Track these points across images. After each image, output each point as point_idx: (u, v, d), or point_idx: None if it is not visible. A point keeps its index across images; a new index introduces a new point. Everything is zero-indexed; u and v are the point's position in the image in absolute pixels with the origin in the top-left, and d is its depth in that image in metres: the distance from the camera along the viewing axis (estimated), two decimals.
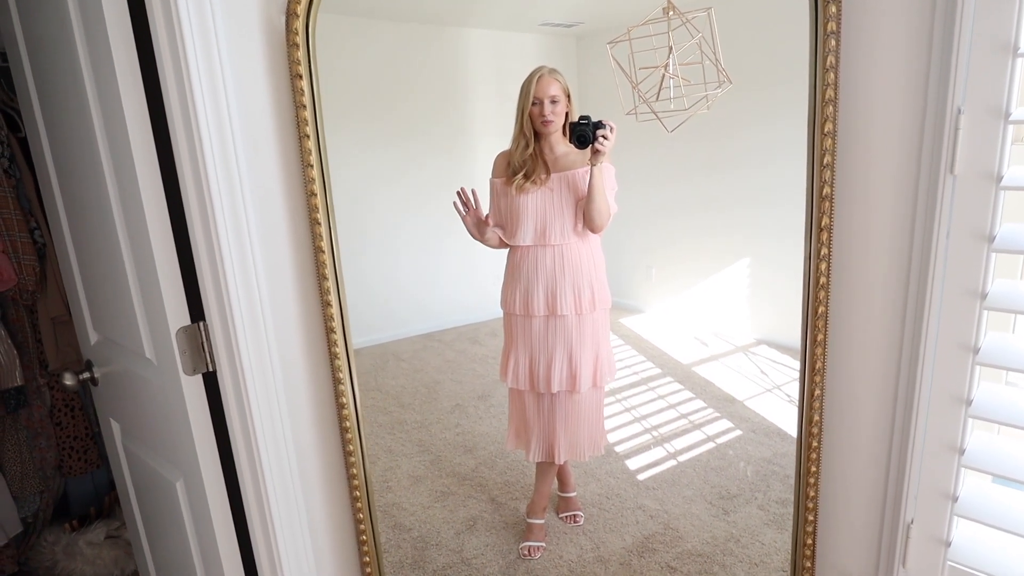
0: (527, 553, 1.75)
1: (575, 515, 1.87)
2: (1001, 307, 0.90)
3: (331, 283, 1.17)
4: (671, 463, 1.98)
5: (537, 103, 1.56)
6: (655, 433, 2.07)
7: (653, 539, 1.74)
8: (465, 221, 1.68)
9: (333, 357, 1.21)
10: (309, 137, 1.09)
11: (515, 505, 1.93)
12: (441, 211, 1.72)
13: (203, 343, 1.14)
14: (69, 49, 1.11)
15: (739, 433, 1.99)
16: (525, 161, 1.61)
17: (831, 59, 0.94)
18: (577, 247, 1.65)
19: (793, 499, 1.19)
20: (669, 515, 1.80)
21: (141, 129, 1.04)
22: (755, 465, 1.89)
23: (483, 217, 1.68)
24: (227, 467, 1.21)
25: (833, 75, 0.95)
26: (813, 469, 1.13)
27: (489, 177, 1.70)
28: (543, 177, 1.62)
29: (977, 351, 0.93)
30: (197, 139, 1.00)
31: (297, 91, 1.07)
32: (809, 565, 1.19)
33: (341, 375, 1.22)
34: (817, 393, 1.09)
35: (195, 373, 1.14)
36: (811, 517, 1.16)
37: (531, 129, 1.60)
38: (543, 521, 1.83)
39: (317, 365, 1.24)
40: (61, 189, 1.38)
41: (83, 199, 1.29)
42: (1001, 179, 0.87)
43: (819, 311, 1.05)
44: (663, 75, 1.46)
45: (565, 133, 1.59)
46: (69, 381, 1.36)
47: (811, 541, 1.18)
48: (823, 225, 1.01)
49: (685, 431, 2.05)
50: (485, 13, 1.99)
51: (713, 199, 1.90)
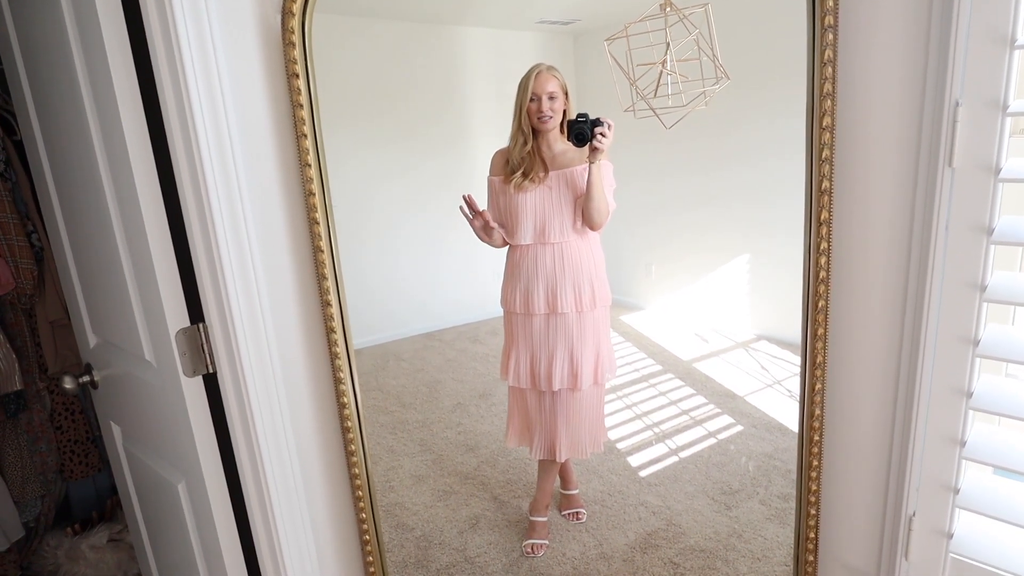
0: (530, 551, 1.75)
1: (577, 512, 1.87)
2: (1001, 299, 0.90)
3: (331, 283, 1.17)
4: (673, 459, 1.98)
5: (535, 99, 1.56)
6: (656, 430, 2.08)
7: (656, 535, 1.74)
8: (473, 225, 1.67)
9: (333, 357, 1.21)
10: (307, 137, 1.09)
11: (517, 503, 1.93)
12: (441, 210, 1.72)
13: (203, 344, 1.13)
14: (64, 50, 1.10)
15: (740, 429, 1.99)
16: (523, 159, 1.61)
17: (829, 53, 0.94)
18: (577, 245, 1.65)
19: (795, 494, 1.19)
20: (671, 511, 1.81)
21: (137, 131, 1.04)
22: (756, 460, 1.89)
23: (490, 220, 1.66)
24: (229, 468, 1.20)
25: (831, 69, 0.95)
26: (815, 463, 1.14)
27: (487, 175, 1.70)
28: (541, 175, 1.62)
29: (977, 343, 0.93)
30: (194, 140, 1.00)
31: (294, 91, 1.07)
32: (812, 559, 1.19)
33: (342, 375, 1.22)
34: (818, 387, 1.09)
35: (195, 375, 1.14)
36: (813, 511, 1.16)
37: (529, 126, 1.59)
38: (546, 519, 1.83)
39: (317, 365, 1.24)
40: (58, 191, 1.38)
41: (80, 201, 1.28)
42: (999, 171, 0.87)
43: (819, 305, 1.05)
44: (661, 72, 1.46)
45: (563, 131, 1.59)
46: (69, 385, 1.35)
47: (814, 535, 1.18)
48: (822, 219, 1.01)
49: (686, 427, 2.06)
50: (482, 11, 1.99)
51: (712, 195, 1.90)
